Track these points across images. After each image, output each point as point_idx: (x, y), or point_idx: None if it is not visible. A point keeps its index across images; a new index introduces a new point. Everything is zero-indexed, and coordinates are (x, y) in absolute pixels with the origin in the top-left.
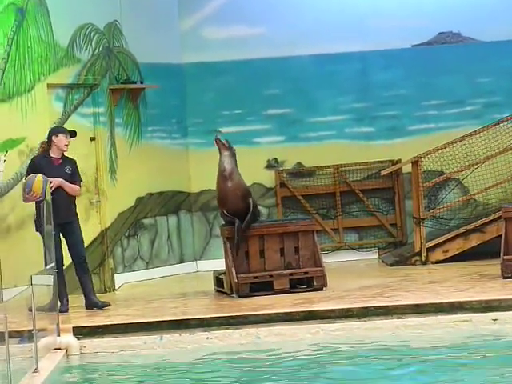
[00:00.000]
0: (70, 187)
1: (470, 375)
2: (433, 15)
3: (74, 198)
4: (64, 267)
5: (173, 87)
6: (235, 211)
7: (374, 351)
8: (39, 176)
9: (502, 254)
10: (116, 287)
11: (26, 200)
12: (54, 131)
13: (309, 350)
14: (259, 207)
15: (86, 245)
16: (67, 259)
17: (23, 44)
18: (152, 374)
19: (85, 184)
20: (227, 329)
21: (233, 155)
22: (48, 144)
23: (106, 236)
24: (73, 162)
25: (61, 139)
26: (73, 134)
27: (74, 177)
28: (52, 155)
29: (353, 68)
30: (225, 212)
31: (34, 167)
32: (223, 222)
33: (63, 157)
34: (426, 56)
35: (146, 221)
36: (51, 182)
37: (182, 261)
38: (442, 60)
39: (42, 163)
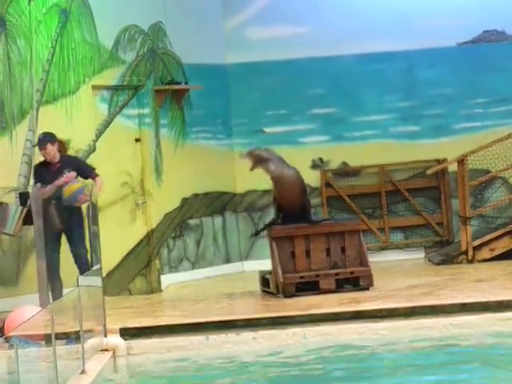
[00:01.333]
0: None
1: None
2: (477, 13)
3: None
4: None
5: (217, 88)
6: (292, 208)
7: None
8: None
9: None
10: (162, 288)
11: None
12: None
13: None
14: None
15: (132, 246)
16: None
17: (67, 45)
18: (199, 375)
19: (130, 185)
20: (273, 329)
21: (274, 160)
22: None
23: (151, 237)
24: (74, 161)
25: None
26: (41, 141)
27: (84, 173)
28: (49, 161)
29: (398, 67)
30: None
31: (36, 174)
32: (268, 222)
33: (62, 159)
34: (471, 54)
35: (191, 221)
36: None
37: (227, 261)
38: (487, 58)
39: (40, 170)
